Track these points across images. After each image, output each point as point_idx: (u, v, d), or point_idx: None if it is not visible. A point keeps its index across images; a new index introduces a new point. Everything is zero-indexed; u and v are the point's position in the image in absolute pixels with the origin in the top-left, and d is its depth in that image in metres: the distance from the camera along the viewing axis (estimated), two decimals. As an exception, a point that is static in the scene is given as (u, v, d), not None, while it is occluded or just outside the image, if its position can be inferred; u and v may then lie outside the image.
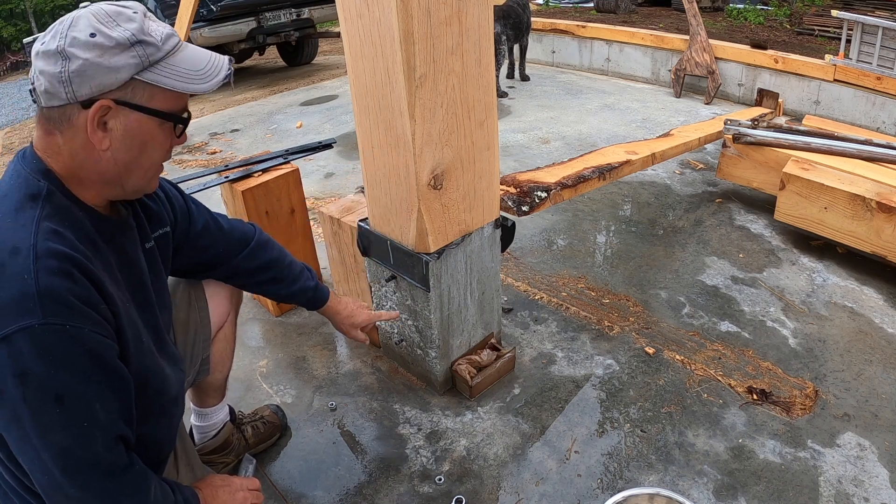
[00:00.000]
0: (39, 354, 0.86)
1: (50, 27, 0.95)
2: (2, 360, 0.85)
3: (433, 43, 1.38)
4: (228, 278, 1.48)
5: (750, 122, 3.12)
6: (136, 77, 0.94)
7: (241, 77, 7.86)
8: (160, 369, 1.12)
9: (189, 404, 1.65)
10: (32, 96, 0.95)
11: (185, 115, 1.05)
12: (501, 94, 5.27)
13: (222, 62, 1.05)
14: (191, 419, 1.67)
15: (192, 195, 2.13)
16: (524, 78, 5.82)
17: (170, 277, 1.43)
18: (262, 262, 1.48)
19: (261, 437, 1.76)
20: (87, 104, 0.93)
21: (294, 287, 1.53)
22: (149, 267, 1.17)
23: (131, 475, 0.97)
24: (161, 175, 1.14)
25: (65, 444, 0.89)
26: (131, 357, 1.01)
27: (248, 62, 8.70)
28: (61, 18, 0.95)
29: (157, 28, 0.98)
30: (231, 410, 1.74)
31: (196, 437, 1.66)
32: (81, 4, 0.99)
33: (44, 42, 0.93)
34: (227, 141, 4.73)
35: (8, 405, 0.87)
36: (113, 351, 0.95)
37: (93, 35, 0.91)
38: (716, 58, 4.97)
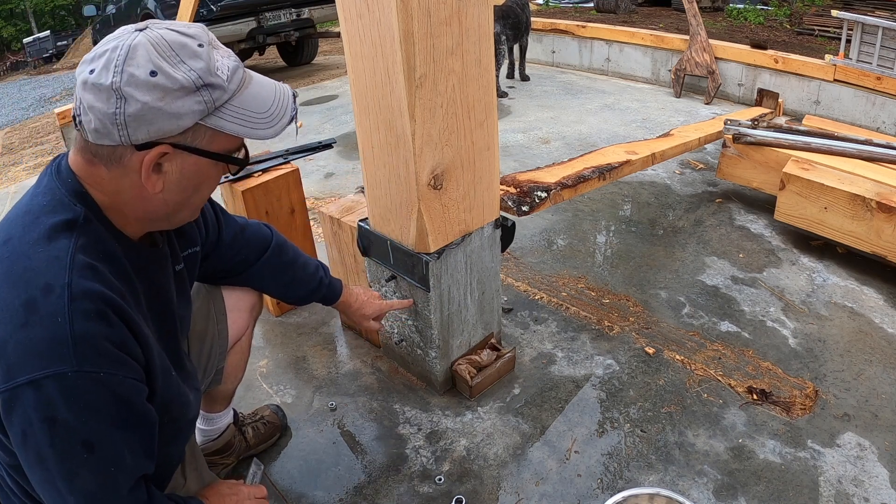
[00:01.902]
0: (70, 402, 0.81)
1: (98, 51, 0.84)
2: (28, 403, 0.81)
3: (433, 43, 1.38)
4: (247, 281, 1.46)
5: (750, 122, 3.12)
6: (200, 122, 0.87)
7: (241, 77, 7.85)
8: (182, 394, 1.09)
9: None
10: (76, 125, 0.87)
11: (241, 154, 0.97)
12: (501, 94, 5.27)
13: (287, 98, 0.96)
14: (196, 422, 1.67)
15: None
16: (524, 78, 5.82)
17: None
18: (281, 265, 1.46)
19: (261, 438, 1.76)
20: (142, 147, 0.85)
21: (311, 286, 1.52)
22: (177, 290, 1.12)
23: None
24: None
25: (91, 489, 0.86)
26: (158, 390, 0.97)
27: (248, 62, 8.70)
28: (113, 43, 0.84)
29: (223, 63, 0.88)
30: (234, 413, 1.74)
31: (199, 438, 1.66)
32: (137, 26, 0.86)
33: (93, 71, 0.83)
34: (227, 141, 4.72)
35: (32, 447, 0.83)
36: (143, 393, 0.92)
37: (153, 73, 0.82)
38: (716, 58, 4.97)
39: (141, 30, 0.86)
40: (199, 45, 0.86)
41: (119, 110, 0.82)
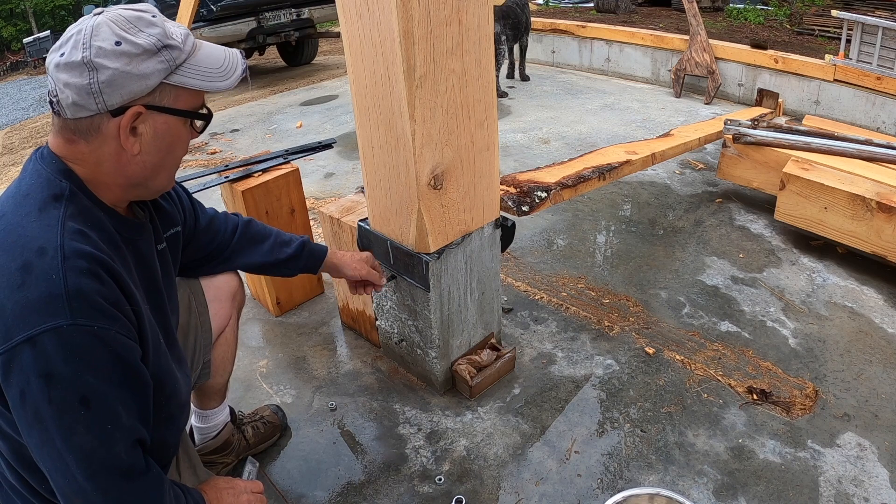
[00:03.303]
0: (66, 356, 0.85)
1: (64, 38, 0.94)
2: (26, 361, 0.84)
3: (433, 43, 1.38)
4: (230, 260, 1.48)
5: (750, 122, 3.12)
6: (164, 81, 0.95)
7: (241, 77, 7.85)
8: (173, 372, 1.12)
9: (190, 405, 1.65)
10: (53, 108, 0.94)
11: (205, 110, 1.06)
12: (501, 94, 5.27)
13: (236, 57, 1.06)
14: (191, 420, 1.67)
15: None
16: (524, 78, 5.82)
17: None
18: (257, 234, 1.50)
19: (261, 437, 1.76)
20: (117, 112, 0.93)
21: (293, 247, 1.54)
22: (161, 268, 1.17)
23: (149, 479, 0.96)
24: None
25: (89, 446, 0.88)
26: (150, 359, 1.01)
27: (248, 62, 8.69)
28: (76, 28, 0.93)
29: (177, 30, 0.99)
30: (231, 411, 1.74)
31: (196, 437, 1.66)
32: (94, 11, 0.96)
33: (63, 53, 0.91)
34: (227, 141, 4.73)
35: (30, 407, 0.86)
36: (136, 353, 0.95)
37: (118, 43, 0.91)
38: (716, 58, 4.98)
39: (98, 14, 0.95)
40: (153, 16, 0.96)
41: (93, 80, 0.90)
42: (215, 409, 1.64)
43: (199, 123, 1.06)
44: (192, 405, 1.64)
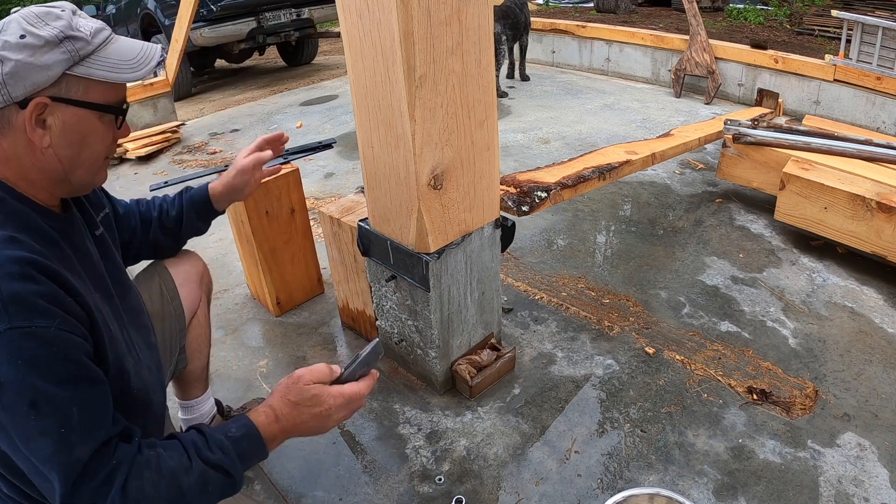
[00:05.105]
0: (9, 360, 0.84)
1: None
2: None
3: (433, 43, 1.38)
4: (159, 243, 1.48)
5: (750, 122, 3.12)
6: (68, 72, 0.95)
7: (241, 77, 7.86)
8: (133, 357, 1.11)
9: (175, 400, 1.65)
10: None
11: (124, 105, 1.06)
12: (501, 94, 5.27)
13: (154, 51, 1.06)
14: (178, 415, 1.67)
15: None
16: (524, 78, 5.82)
17: (141, 271, 1.44)
18: (173, 209, 1.50)
19: None
20: (23, 104, 0.94)
21: (175, 209, 1.51)
22: (101, 254, 1.17)
23: (124, 472, 0.91)
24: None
25: (47, 451, 0.87)
26: (107, 349, 1.00)
27: (248, 62, 8.71)
28: None
29: (87, 24, 0.99)
30: (218, 403, 1.73)
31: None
32: (12, 10, 1.00)
33: None
34: (227, 141, 4.73)
35: None
36: (83, 349, 0.93)
37: (22, 36, 0.93)
38: (716, 58, 4.98)
39: (14, 12, 0.98)
40: (62, 11, 0.98)
41: None
42: (199, 398, 1.65)
43: (119, 119, 1.05)
44: (176, 399, 1.65)
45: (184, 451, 0.98)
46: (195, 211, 1.52)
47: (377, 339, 1.14)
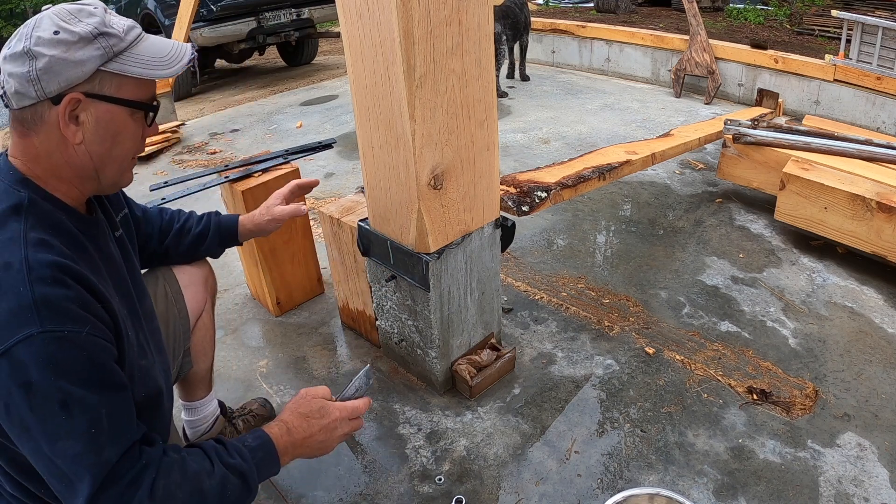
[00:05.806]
0: (40, 363, 0.85)
1: (15, 33, 0.97)
2: (4, 373, 0.85)
3: (433, 43, 1.38)
4: (170, 253, 1.50)
5: (750, 122, 3.12)
6: (102, 68, 0.96)
7: (241, 77, 7.86)
8: (148, 361, 1.12)
9: (178, 402, 1.65)
10: (4, 101, 0.97)
11: (154, 102, 1.07)
12: (501, 94, 5.27)
13: (185, 49, 1.07)
14: (181, 416, 1.67)
15: (191, 195, 2.14)
16: (524, 78, 5.82)
17: (144, 273, 1.44)
18: (197, 227, 1.52)
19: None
20: (56, 100, 0.94)
21: (200, 227, 1.53)
22: (122, 255, 1.18)
23: (154, 473, 0.93)
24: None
25: (74, 451, 0.88)
26: (125, 353, 1.01)
27: (248, 62, 8.70)
28: (26, 23, 0.97)
29: (119, 21, 1.00)
30: (221, 404, 1.74)
31: (188, 432, 1.66)
32: (43, 7, 1.01)
33: (10, 47, 0.94)
34: (227, 141, 4.73)
35: (16, 417, 0.86)
36: (110, 354, 0.95)
37: (56, 32, 0.93)
38: (716, 58, 4.97)
39: (46, 8, 0.99)
40: (95, 8, 0.99)
41: (31, 68, 0.92)
42: (203, 399, 1.65)
43: (149, 116, 1.06)
44: (180, 400, 1.65)
45: (205, 456, 1.01)
46: (220, 237, 1.56)
47: (368, 366, 1.27)
